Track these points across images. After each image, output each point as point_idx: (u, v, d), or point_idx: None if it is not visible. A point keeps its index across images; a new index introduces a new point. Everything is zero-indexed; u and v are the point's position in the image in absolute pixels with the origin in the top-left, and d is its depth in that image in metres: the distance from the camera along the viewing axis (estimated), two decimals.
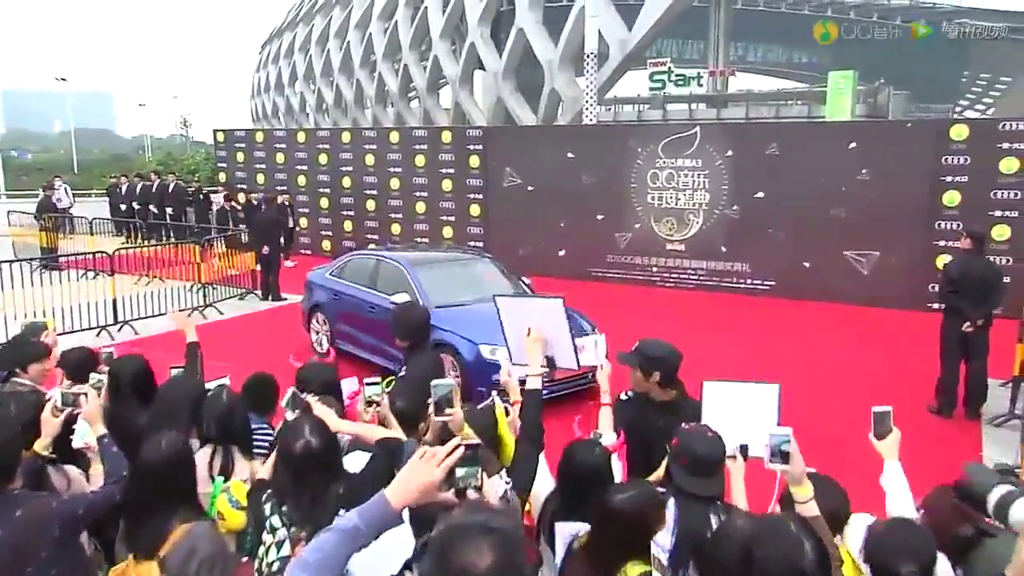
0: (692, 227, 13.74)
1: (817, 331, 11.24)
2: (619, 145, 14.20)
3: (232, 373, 4.01)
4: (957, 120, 11.86)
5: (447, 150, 15.91)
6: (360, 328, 8.85)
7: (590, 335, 7.89)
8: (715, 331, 11.25)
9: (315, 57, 64.50)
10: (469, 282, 8.70)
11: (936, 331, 11.46)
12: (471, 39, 39.57)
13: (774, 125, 14.76)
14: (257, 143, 18.44)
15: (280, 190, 16.80)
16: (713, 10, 50.14)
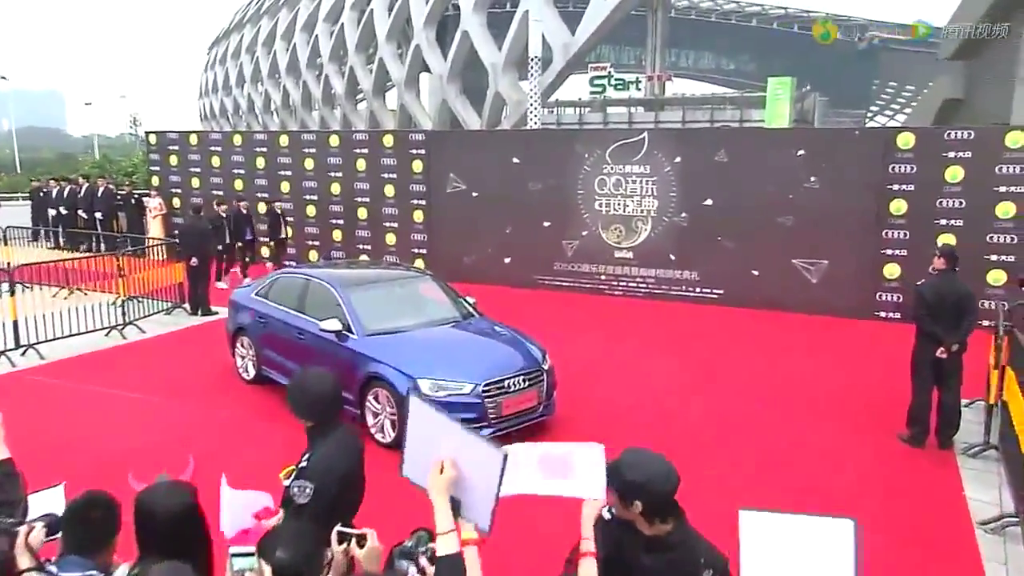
0: (640, 235, 12.83)
1: (768, 342, 10.44)
2: (565, 150, 13.19)
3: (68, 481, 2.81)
4: (904, 128, 11.22)
5: (389, 154, 14.67)
6: (289, 356, 7.62)
7: (582, 451, 5.85)
8: (663, 342, 10.39)
9: (262, 58, 62.05)
10: (409, 305, 7.57)
11: (885, 341, 10.88)
12: (416, 42, 38.16)
13: (722, 131, 13.98)
14: (191, 146, 16.84)
15: (233, 195, 15.30)
16: (650, 18, 49.67)
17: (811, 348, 10.18)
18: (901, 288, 11.35)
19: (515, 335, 7.23)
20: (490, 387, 6.35)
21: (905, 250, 11.26)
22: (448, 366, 6.43)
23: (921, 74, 63.63)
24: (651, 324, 11.42)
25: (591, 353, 9.74)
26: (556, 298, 13.06)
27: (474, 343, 6.99)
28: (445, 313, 7.49)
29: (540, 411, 6.75)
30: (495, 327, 7.40)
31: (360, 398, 6.71)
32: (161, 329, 10.90)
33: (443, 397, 6.23)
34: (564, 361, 9.16)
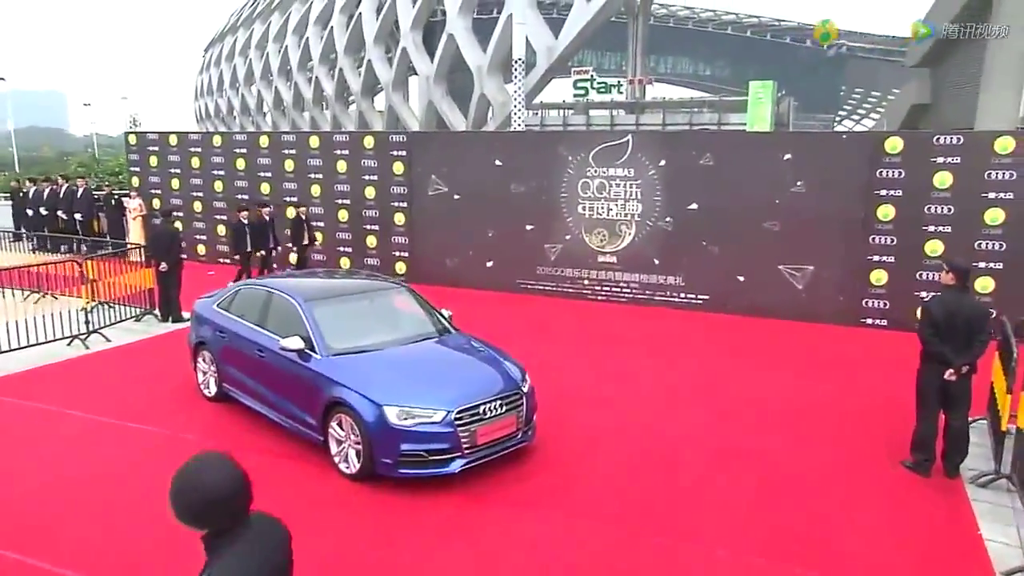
0: (624, 239, 12.02)
1: (755, 351, 9.68)
2: (548, 153, 12.35)
3: None
4: (892, 132, 10.50)
5: (370, 156, 13.76)
6: (250, 374, 6.75)
7: None
8: (647, 351, 9.60)
9: (255, 61, 60.66)
10: (380, 320, 6.70)
11: (874, 350, 10.13)
12: (403, 45, 37.08)
13: (708, 134, 13.15)
14: (171, 147, 15.83)
15: (262, 199, 14.12)
16: (631, 24, 48.92)
17: (799, 357, 9.43)
18: (888, 295, 10.64)
19: (492, 353, 6.40)
20: (463, 414, 5.52)
21: (892, 256, 10.54)
22: (418, 391, 5.60)
23: (885, 81, 64.90)
24: (635, 331, 10.63)
25: (573, 364, 8.93)
26: (538, 303, 12.24)
27: (448, 364, 6.14)
28: (419, 329, 6.64)
29: (519, 438, 5.93)
30: (471, 344, 6.56)
31: (323, 424, 5.86)
32: (128, 337, 9.96)
33: (412, 426, 5.40)
34: (545, 374, 8.36)
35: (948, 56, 32.07)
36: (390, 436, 5.38)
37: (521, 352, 9.34)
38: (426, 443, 5.40)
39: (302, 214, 13.05)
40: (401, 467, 5.43)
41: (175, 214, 14.10)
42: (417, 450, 5.39)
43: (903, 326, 10.49)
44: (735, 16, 72.00)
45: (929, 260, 10.34)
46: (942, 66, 33.66)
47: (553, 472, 5.94)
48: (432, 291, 13.38)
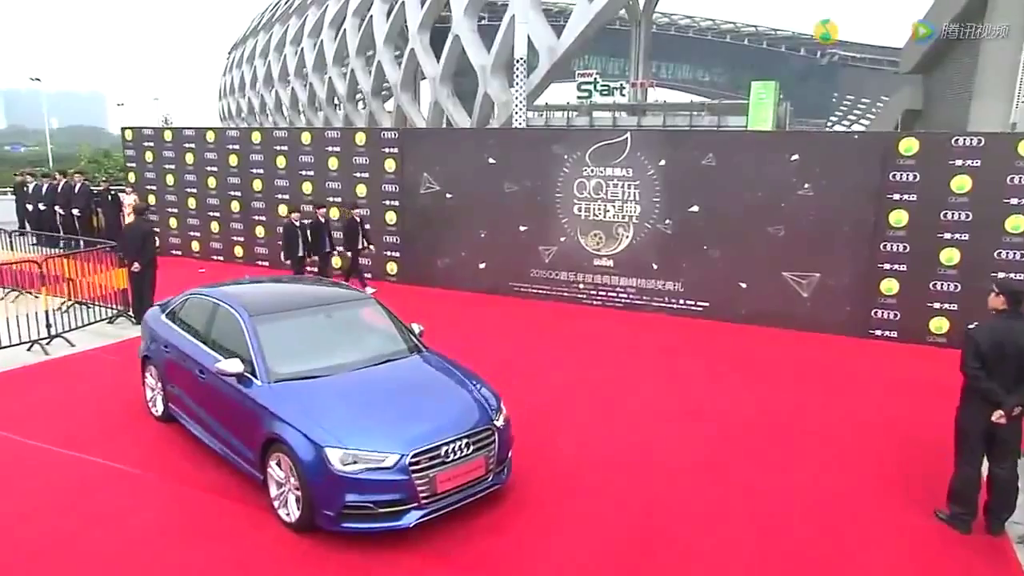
0: (621, 242, 10.81)
1: (758, 363, 8.48)
2: (543, 151, 11.12)
3: None
4: (907, 133, 9.24)
5: (361, 153, 12.57)
6: (192, 397, 5.62)
7: None
8: (643, 363, 8.41)
9: (273, 62, 59.37)
10: (338, 338, 5.53)
11: (885, 365, 8.70)
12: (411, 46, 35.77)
13: (711, 133, 11.89)
14: (166, 142, 14.68)
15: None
16: (634, 30, 47.51)
17: (805, 372, 8.21)
18: (899, 305, 9.41)
19: (464, 378, 5.22)
20: (421, 457, 4.36)
21: (904, 265, 9.30)
22: (368, 428, 4.44)
23: (874, 88, 64.34)
24: (631, 339, 9.44)
25: (561, 377, 7.75)
26: (531, 307, 11.05)
27: (409, 393, 4.95)
28: (382, 349, 5.46)
29: (489, 481, 4.75)
30: (441, 367, 5.38)
31: (262, 462, 4.71)
32: (95, 342, 8.84)
33: (357, 472, 4.24)
34: (529, 388, 7.24)
35: (941, 62, 30.59)
36: (332, 484, 4.23)
37: (506, 362, 8.28)
38: (374, 493, 4.25)
39: (357, 216, 11.45)
40: (345, 520, 4.28)
41: (150, 211, 12.88)
42: (364, 501, 4.24)
43: (914, 338, 9.30)
44: (733, 25, 71.28)
45: (945, 269, 9.10)
46: (935, 72, 32.19)
47: (529, 520, 4.78)
48: (423, 293, 12.29)
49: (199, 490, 5.10)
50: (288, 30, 57.14)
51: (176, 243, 15.04)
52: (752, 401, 7.13)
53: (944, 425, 4.96)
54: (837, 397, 7.33)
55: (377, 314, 5.85)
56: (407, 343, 5.63)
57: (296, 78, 53.74)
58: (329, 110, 49.37)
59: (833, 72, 68.26)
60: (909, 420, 6.69)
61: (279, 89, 57.76)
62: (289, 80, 55.37)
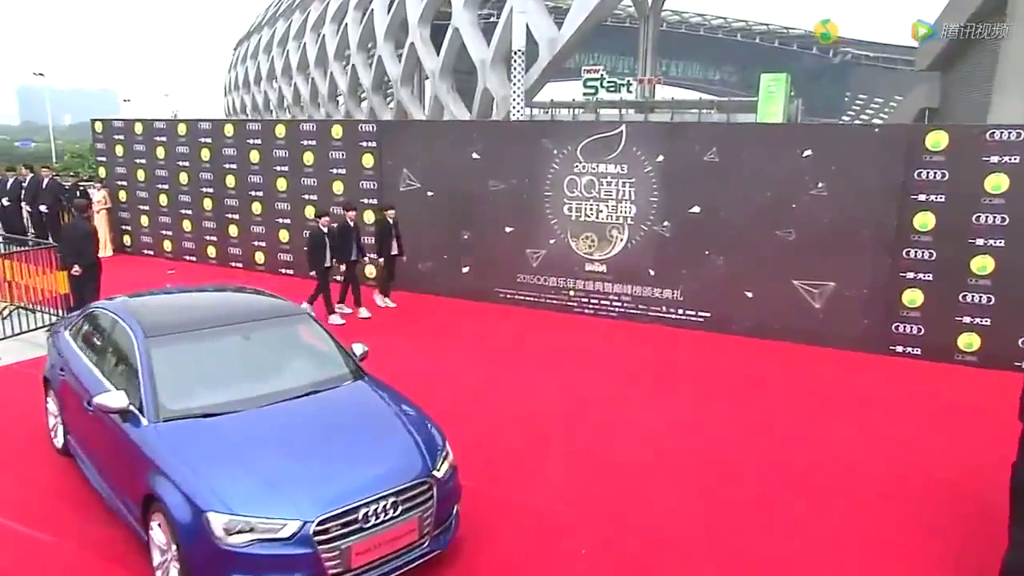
0: (615, 245, 9.85)
1: (765, 384, 7.51)
2: (531, 145, 10.18)
3: None
4: (935, 126, 8.24)
5: (338, 147, 11.67)
6: (82, 434, 4.72)
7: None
8: (637, 382, 7.45)
9: (277, 58, 58.71)
10: (252, 365, 4.60)
11: (908, 387, 7.68)
12: (411, 39, 34.87)
13: (714, 126, 10.90)
14: (136, 135, 13.84)
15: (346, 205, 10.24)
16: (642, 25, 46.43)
17: (820, 396, 7.23)
18: (923, 319, 8.41)
19: (403, 415, 4.29)
20: (331, 523, 3.44)
21: (930, 274, 8.29)
22: (267, 486, 3.52)
23: (888, 86, 63.26)
24: (624, 354, 8.49)
25: (542, 404, 6.80)
26: (516, 316, 10.12)
27: (328, 437, 4.02)
28: (309, 377, 4.53)
29: (424, 548, 3.82)
30: (376, 400, 4.45)
31: (144, 521, 3.80)
32: (26, 352, 7.98)
33: (246, 545, 3.32)
34: (501, 412, 6.29)
35: (958, 59, 29.38)
36: (213, 559, 3.32)
37: (480, 384, 7.24)
38: (268, 571, 3.33)
39: (390, 218, 10.19)
40: None
41: (91, 209, 11.84)
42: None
43: (940, 356, 8.30)
44: (745, 23, 70.43)
45: (976, 279, 8.10)
46: (952, 69, 30.98)
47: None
48: (402, 298, 11.34)
49: (80, 547, 4.21)
50: (291, 25, 56.45)
51: (148, 242, 14.20)
52: (761, 435, 6.16)
53: (986, 470, 4.02)
54: (858, 430, 6.35)
55: (310, 333, 4.93)
56: (341, 369, 4.70)
57: (299, 73, 53.02)
58: (331, 106, 48.65)
59: (846, 71, 67.43)
60: (945, 461, 5.71)
61: (282, 85, 57.12)
62: (292, 76, 54.67)
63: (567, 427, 6.21)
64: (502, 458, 5.48)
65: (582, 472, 5.35)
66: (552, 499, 4.93)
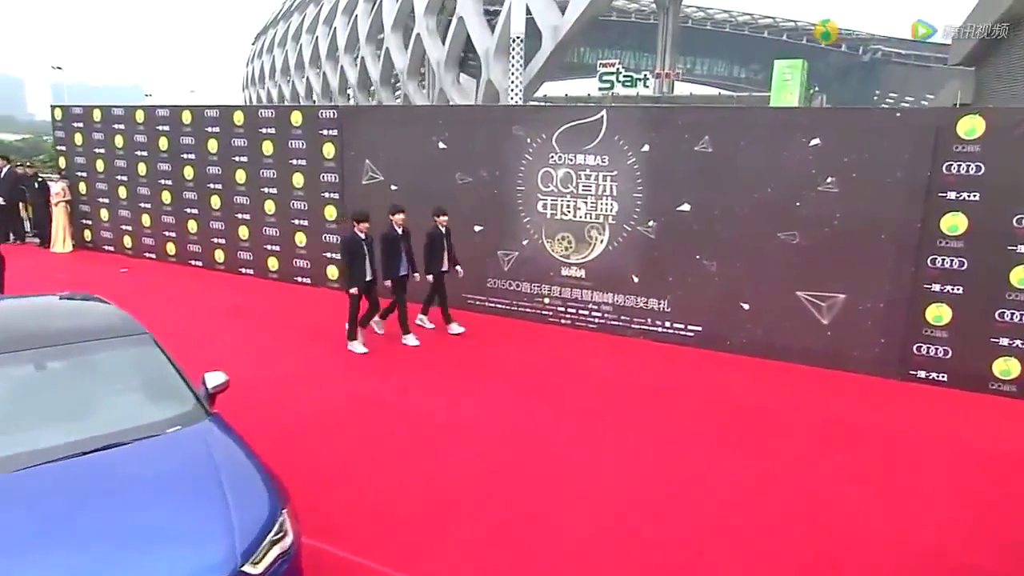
0: (595, 247, 8.68)
1: (763, 416, 6.30)
2: (501, 133, 9.04)
3: None
4: (969, 109, 6.93)
5: (298, 136, 10.63)
6: None
7: None
8: (612, 407, 6.24)
9: (291, 52, 58.13)
10: (41, 404, 3.50)
11: (934, 420, 6.42)
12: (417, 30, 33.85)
13: (706, 111, 9.62)
14: (95, 122, 12.96)
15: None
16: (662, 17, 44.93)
17: (824, 433, 6.00)
18: (951, 340, 7.11)
19: (225, 481, 3.16)
20: None
21: (960, 286, 6.99)
22: None
23: (919, 85, 60.88)
24: (599, 374, 7.32)
25: (482, 440, 5.67)
26: (485, 326, 8.98)
27: (88, 521, 2.88)
28: (119, 423, 3.43)
29: None
30: (198, 460, 3.32)
31: None
32: None
33: None
34: (443, 452, 5.15)
35: (994, 54, 27.58)
36: None
37: (426, 414, 6.14)
38: None
39: (442, 225, 8.34)
40: None
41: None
42: None
43: (971, 384, 7.00)
44: (772, 20, 68.87)
45: (1016, 293, 6.79)
46: (987, 64, 29.17)
47: None
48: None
49: None
50: (305, 19, 55.86)
51: (108, 237, 13.33)
52: (748, 489, 4.95)
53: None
54: (870, 483, 5.11)
55: (139, 361, 3.83)
56: (172, 411, 3.60)
57: (311, 68, 52.42)
58: (341, 100, 47.89)
59: (875, 69, 65.42)
60: (976, 537, 4.46)
61: (295, 79, 56.58)
62: (305, 70, 54.10)
63: (503, 482, 5.05)
64: (395, 525, 4.36)
65: (507, 555, 4.19)
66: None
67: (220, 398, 3.86)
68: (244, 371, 6.87)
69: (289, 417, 5.93)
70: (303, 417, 5.97)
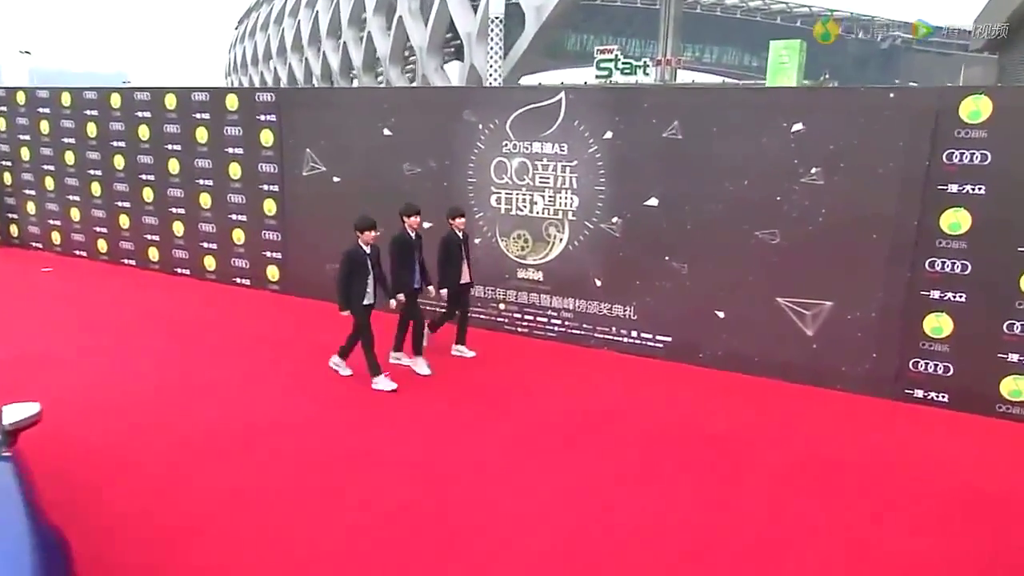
0: (554, 246, 8.08)
1: (730, 443, 5.69)
2: (452, 119, 8.43)
3: None
4: (973, 89, 6.29)
5: (234, 122, 10.04)
6: None
7: None
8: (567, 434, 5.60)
9: (273, 37, 57.58)
10: None
11: (936, 448, 5.77)
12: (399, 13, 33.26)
13: (675, 93, 8.98)
14: (19, 106, 12.36)
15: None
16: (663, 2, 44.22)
17: (804, 466, 5.39)
18: (953, 355, 6.50)
19: None
20: None
21: (963, 293, 6.37)
22: None
23: (940, 73, 60.22)
24: (555, 391, 6.72)
25: (408, 472, 5.06)
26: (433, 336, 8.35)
27: None
28: None
29: None
30: None
31: None
32: None
33: None
34: (344, 493, 4.48)
35: (1018, 39, 27.00)
36: None
37: (348, 453, 5.21)
38: None
39: (459, 229, 7.39)
40: None
41: None
42: None
43: (975, 406, 6.41)
44: (785, 5, 68.30)
45: None
46: (1011, 50, 28.58)
47: None
48: (306, 308, 9.58)
49: None
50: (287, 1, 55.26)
51: (36, 233, 12.75)
52: (708, 541, 4.34)
53: None
54: (856, 537, 4.50)
55: None
56: None
57: (293, 53, 51.86)
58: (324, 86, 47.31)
59: (895, 56, 64.84)
60: None
61: (277, 65, 56.00)
62: (287, 56, 53.54)
63: (394, 535, 4.45)
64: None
65: None
66: None
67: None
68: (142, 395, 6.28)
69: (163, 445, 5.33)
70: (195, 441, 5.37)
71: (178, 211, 10.86)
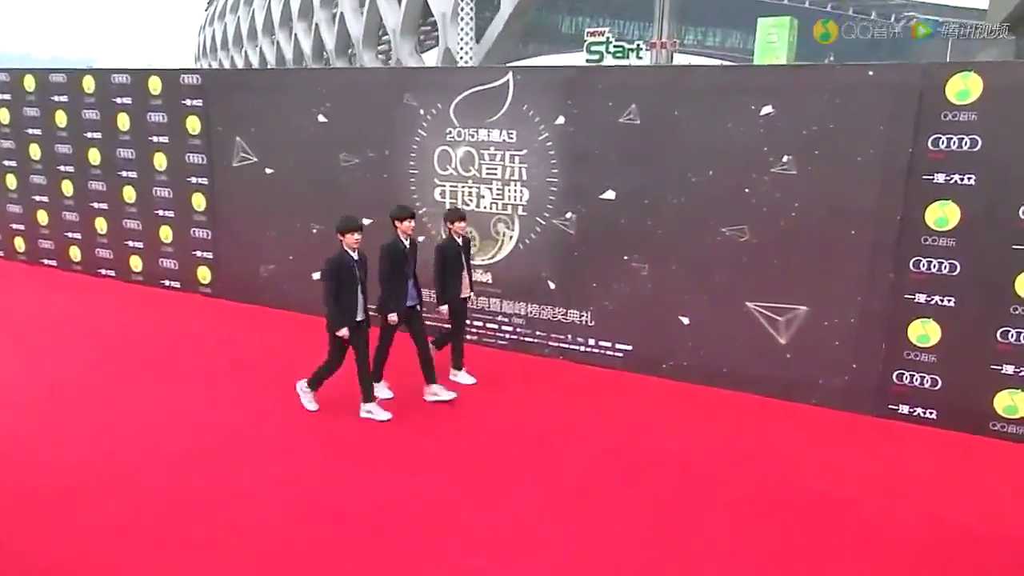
0: (503, 245, 7.66)
1: (692, 469, 5.29)
2: (390, 103, 7.99)
3: None
4: (962, 65, 5.85)
5: (157, 107, 9.57)
6: None
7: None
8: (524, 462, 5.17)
9: (243, 18, 56.89)
10: None
11: (927, 473, 5.27)
12: None
13: (632, 72, 8.51)
14: None
15: None
16: None
17: (774, 498, 4.97)
18: (940, 365, 6.10)
19: None
20: None
21: (951, 297, 5.97)
22: None
23: (956, 55, 59.74)
24: (495, 410, 6.29)
25: (299, 509, 4.63)
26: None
27: None
28: None
29: None
30: None
31: None
32: None
33: None
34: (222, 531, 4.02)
35: None
36: None
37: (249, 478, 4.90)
38: None
39: (459, 234, 6.66)
40: None
41: None
42: None
43: (966, 424, 6.03)
44: None
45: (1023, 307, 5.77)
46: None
47: None
48: (239, 313, 9.15)
49: None
50: None
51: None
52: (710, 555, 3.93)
53: None
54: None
55: None
56: None
57: (264, 36, 51.26)
58: None
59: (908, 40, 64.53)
60: None
61: (248, 49, 55.39)
62: (258, 40, 52.94)
63: None
64: None
65: None
66: None
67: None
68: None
69: None
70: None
71: (100, 206, 10.37)
